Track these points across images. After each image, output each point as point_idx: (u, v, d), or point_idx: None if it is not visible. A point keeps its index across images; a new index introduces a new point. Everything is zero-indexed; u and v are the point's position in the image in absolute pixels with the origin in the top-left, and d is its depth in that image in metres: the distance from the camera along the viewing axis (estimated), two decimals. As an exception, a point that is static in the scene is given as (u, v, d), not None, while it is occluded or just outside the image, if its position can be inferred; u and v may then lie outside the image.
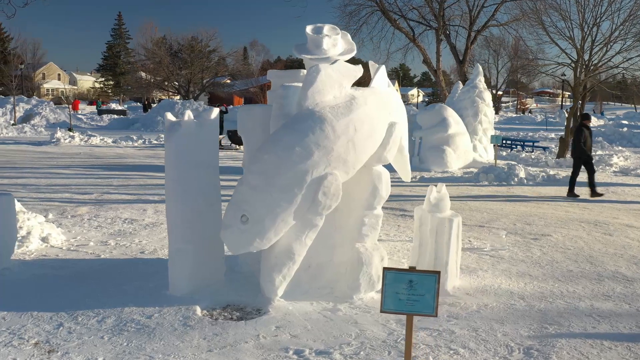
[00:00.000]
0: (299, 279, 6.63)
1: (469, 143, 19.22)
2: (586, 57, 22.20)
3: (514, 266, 8.11)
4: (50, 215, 11.09)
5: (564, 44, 23.97)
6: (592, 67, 22.20)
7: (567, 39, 22.10)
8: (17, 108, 43.38)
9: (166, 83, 64.13)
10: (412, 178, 16.96)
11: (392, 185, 7.11)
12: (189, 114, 6.61)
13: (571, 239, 9.74)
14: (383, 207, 12.20)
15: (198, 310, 6.24)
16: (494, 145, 18.70)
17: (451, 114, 18.57)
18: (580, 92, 22.45)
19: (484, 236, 9.86)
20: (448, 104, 21.10)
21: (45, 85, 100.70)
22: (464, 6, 32.53)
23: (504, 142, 26.40)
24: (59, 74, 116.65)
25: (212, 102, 72.69)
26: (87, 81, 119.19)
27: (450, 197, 13.39)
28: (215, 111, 6.81)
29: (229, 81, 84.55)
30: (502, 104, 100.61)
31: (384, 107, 6.50)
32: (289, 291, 6.52)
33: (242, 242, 6.04)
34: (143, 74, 67.67)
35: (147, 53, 65.39)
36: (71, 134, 28.27)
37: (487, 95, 21.04)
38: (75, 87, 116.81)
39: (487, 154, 20.15)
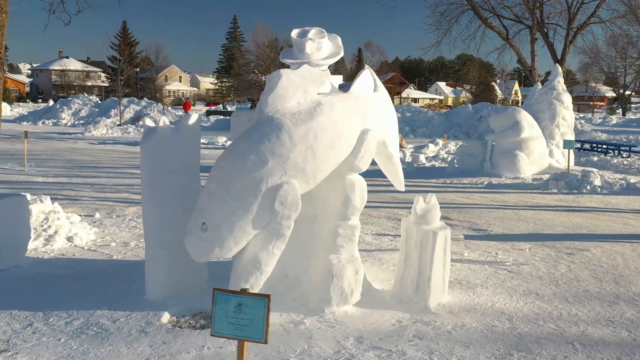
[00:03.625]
0: (275, 289, 6.46)
1: (545, 148, 18.17)
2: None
3: (526, 283, 7.56)
4: (97, 215, 11.51)
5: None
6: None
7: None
8: (127, 109, 45.67)
9: (268, 84, 65.60)
10: (479, 184, 16.35)
11: (448, 191, 6.86)
12: (164, 120, 6.62)
13: (610, 255, 8.97)
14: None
15: (165, 316, 6.23)
16: (568, 151, 17.57)
17: (525, 117, 17.62)
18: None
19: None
20: (525, 107, 20.09)
21: (167, 87, 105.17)
22: (563, 3, 30.92)
23: (595, 146, 24.87)
24: (180, 76, 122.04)
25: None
26: (209, 83, 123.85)
27: (505, 205, 12.79)
28: (194, 117, 6.78)
29: (342, 82, 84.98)
30: (632, 105, 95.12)
31: (355, 113, 6.21)
32: (264, 301, 6.38)
33: (202, 250, 5.98)
34: (259, 76, 69.52)
35: (254, 55, 67.14)
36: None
37: (567, 98, 19.79)
38: (195, 89, 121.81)
39: (564, 160, 18.99)
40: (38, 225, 9.42)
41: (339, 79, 7.57)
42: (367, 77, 6.69)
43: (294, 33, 6.79)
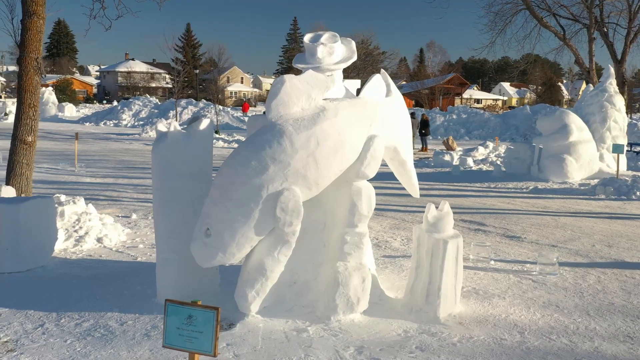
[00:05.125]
0: (283, 296, 6.44)
1: (595, 152, 17.56)
2: None
3: (548, 294, 7.30)
4: (134, 216, 11.71)
5: None
6: None
7: None
8: (185, 111, 46.51)
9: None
10: (524, 189, 15.94)
11: (489, 196, 6.73)
12: (174, 125, 6.66)
13: (645, 266, 8.58)
14: (462, 219, 11.62)
15: (172, 320, 6.27)
16: (617, 155, 16.93)
17: (574, 120, 17.07)
18: None
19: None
20: (576, 109, 19.46)
21: (229, 89, 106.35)
22: (623, 1, 29.76)
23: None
24: (241, 78, 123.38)
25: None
26: (270, 84, 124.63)
27: (545, 211, 12.41)
28: (206, 122, 6.80)
29: (404, 82, 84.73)
30: None
31: (362, 119, 6.11)
32: (272, 307, 6.35)
33: (206, 256, 6.00)
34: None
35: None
36: (217, 135, 29.77)
37: (619, 100, 19.06)
38: (257, 90, 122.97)
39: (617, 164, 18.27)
40: (70, 226, 9.65)
41: (356, 84, 7.49)
42: (378, 82, 6.58)
43: (307, 38, 6.74)
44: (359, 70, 65.23)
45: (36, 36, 10.09)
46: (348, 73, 62.79)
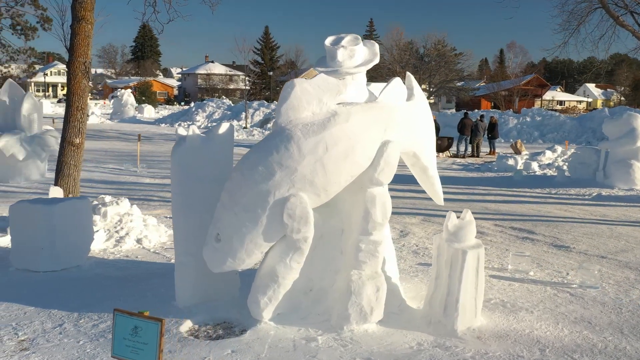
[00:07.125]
0: (299, 303, 6.35)
1: (665, 157, 16.65)
2: None
3: (583, 309, 6.91)
4: (181, 217, 11.85)
5: None
6: None
7: None
8: (257, 112, 47.10)
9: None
10: (586, 195, 15.25)
11: (548, 202, 6.50)
12: (193, 129, 6.67)
13: (698, 281, 8.01)
14: (511, 226, 11.21)
15: (187, 324, 6.27)
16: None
17: (643, 124, 16.24)
18: None
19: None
20: (645, 112, 18.46)
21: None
22: None
23: None
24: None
25: (459, 107, 72.14)
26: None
27: (603, 220, 11.81)
28: (225, 126, 6.78)
29: (483, 83, 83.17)
30: None
31: (376, 123, 5.93)
32: (287, 314, 6.27)
33: (216, 261, 5.99)
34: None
35: (391, 57, 66.89)
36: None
37: (693, 102, 17.98)
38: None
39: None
40: (112, 226, 9.86)
41: (381, 87, 7.30)
42: (398, 86, 6.37)
43: (328, 41, 6.60)
44: (431, 72, 64.56)
45: (84, 41, 10.36)
46: (420, 75, 62.21)
